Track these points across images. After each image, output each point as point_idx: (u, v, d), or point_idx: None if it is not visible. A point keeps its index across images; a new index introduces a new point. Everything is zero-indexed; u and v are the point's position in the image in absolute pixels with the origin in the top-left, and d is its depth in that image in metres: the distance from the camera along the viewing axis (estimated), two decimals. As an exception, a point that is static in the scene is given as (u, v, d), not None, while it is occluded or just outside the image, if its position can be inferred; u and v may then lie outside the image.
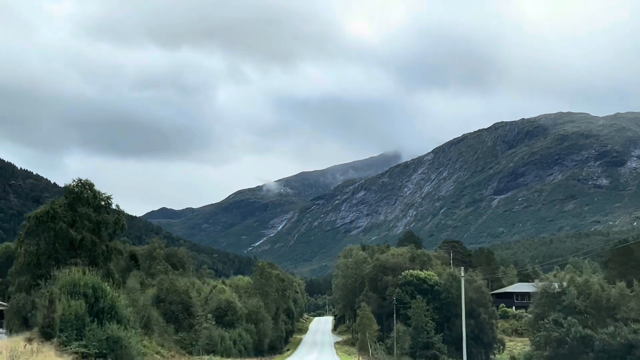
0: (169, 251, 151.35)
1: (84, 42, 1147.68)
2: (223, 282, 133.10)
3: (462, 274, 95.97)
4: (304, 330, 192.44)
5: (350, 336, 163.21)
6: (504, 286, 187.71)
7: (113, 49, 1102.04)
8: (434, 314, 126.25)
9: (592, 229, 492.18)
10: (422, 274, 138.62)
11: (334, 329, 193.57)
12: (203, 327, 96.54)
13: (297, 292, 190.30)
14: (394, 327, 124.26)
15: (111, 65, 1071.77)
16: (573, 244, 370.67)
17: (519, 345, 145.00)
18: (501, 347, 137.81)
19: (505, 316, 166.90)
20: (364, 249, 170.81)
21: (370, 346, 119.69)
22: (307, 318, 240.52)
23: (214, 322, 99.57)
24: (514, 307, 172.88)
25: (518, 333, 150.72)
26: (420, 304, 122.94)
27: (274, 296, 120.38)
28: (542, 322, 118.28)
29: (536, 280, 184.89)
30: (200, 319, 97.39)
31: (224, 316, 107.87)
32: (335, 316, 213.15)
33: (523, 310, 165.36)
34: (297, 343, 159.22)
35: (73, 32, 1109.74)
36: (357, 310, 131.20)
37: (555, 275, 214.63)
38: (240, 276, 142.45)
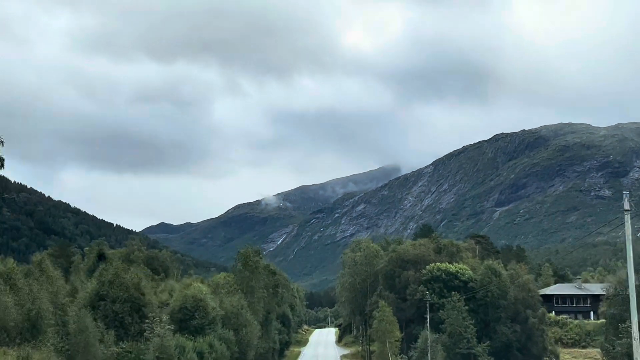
0: (150, 254, 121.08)
1: (80, 56, 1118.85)
2: (201, 281, 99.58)
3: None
4: (303, 343, 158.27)
5: (360, 348, 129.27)
6: (538, 288, 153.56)
7: (109, 64, 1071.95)
8: (469, 318, 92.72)
9: (596, 239, 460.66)
10: (453, 267, 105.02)
11: (339, 340, 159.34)
12: (155, 333, 62.76)
13: (296, 297, 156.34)
14: (423, 334, 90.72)
15: (107, 80, 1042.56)
16: (580, 254, 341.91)
17: (578, 358, 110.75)
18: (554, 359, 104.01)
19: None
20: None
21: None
22: (307, 329, 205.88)
23: (171, 327, 66.03)
24: (553, 312, 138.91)
25: (563, 343, 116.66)
26: (457, 304, 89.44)
27: (261, 294, 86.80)
28: (623, 325, 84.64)
29: (577, 281, 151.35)
30: (153, 323, 63.62)
31: (189, 319, 74.60)
32: (339, 326, 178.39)
33: (566, 316, 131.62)
34: (295, 357, 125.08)
35: (69, 46, 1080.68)
36: (373, 313, 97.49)
37: (592, 277, 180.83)
38: (223, 273, 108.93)
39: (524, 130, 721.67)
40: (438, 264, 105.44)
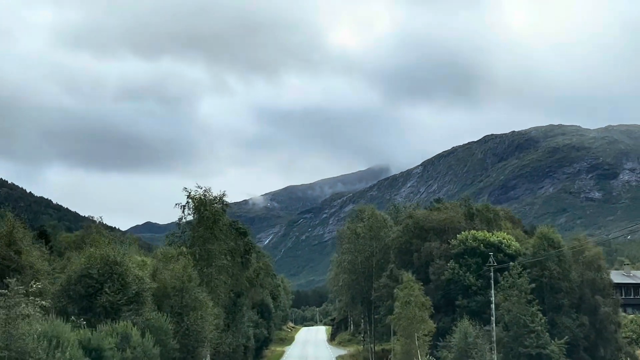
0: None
1: (63, 52, 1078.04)
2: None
3: None
4: (288, 341, 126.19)
5: (361, 347, 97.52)
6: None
7: (93, 60, 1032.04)
8: (536, 303, 60.97)
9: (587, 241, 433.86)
10: (494, 236, 73.68)
11: (331, 338, 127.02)
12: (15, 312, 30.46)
13: (279, 286, 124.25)
14: (461, 325, 58.95)
15: (91, 76, 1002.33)
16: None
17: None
18: (632, 364, 72.67)
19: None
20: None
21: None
22: (292, 327, 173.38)
23: (47, 303, 34.12)
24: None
25: (636, 343, 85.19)
26: (517, 280, 57.96)
27: (224, 263, 55.04)
28: None
29: (625, 267, 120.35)
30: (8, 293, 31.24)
31: (94, 294, 43.37)
32: (332, 320, 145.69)
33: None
34: (277, 358, 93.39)
35: (52, 41, 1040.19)
36: (395, 292, 64.74)
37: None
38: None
39: (513, 131, 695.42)
40: (473, 232, 74.10)
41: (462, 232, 74.01)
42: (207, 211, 54.15)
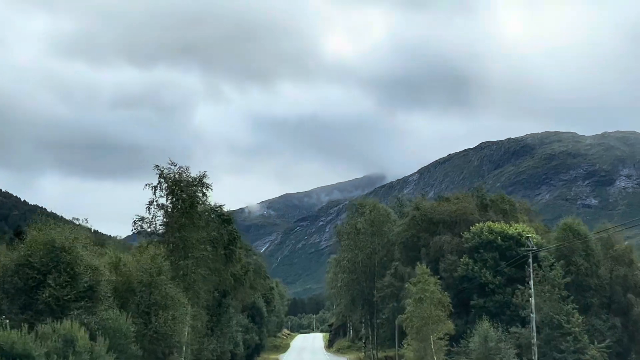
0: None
1: (58, 60, 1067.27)
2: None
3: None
4: (283, 348, 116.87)
5: (362, 354, 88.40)
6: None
7: (87, 68, 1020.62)
8: (570, 301, 52.03)
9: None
10: (512, 229, 64.90)
11: (329, 345, 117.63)
12: None
13: (273, 290, 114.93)
14: (481, 328, 49.99)
15: (86, 85, 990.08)
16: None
17: None
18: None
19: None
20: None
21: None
22: (288, 334, 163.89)
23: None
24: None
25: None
26: (548, 274, 49.03)
27: (203, 254, 45.97)
28: None
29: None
30: None
31: (35, 287, 34.39)
32: (330, 327, 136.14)
33: None
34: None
35: (46, 50, 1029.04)
36: (407, 287, 55.54)
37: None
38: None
39: (509, 138, 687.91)
40: (489, 223, 65.26)
41: (476, 224, 65.21)
42: (182, 193, 45.07)
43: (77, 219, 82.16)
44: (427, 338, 45.52)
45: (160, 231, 45.38)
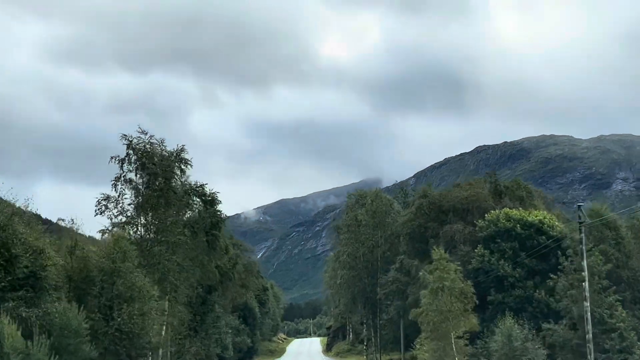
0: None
1: (53, 67, 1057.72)
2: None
3: None
4: (278, 353, 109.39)
5: (364, 358, 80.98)
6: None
7: (82, 74, 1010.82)
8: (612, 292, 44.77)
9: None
10: (532, 216, 57.80)
11: (327, 349, 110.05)
12: None
13: (267, 290, 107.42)
14: (504, 326, 42.74)
15: (81, 91, 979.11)
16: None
17: None
18: None
19: None
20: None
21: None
22: (284, 338, 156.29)
23: None
24: None
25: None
26: (590, 258, 41.80)
27: (179, 239, 38.76)
28: None
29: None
30: None
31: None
32: (328, 330, 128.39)
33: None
34: (263, 373, 76.75)
35: (40, 56, 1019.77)
36: (420, 276, 47.88)
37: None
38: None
39: (505, 142, 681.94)
40: (507, 210, 58.15)
41: (491, 212, 58.06)
42: (155, 167, 37.78)
43: (62, 220, 74.58)
44: (446, 336, 38.34)
45: (129, 213, 38.01)
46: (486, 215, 57.99)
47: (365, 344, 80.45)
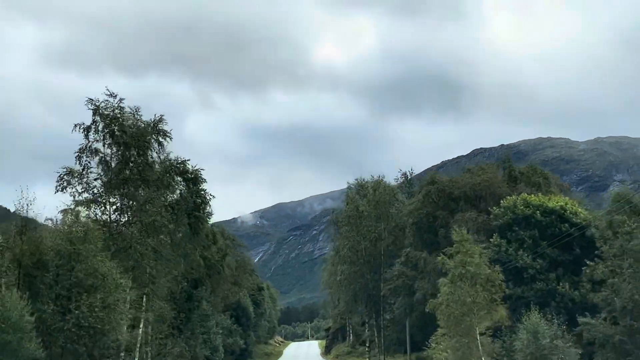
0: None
1: (48, 71, 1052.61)
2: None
3: None
4: (274, 356, 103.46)
5: (367, 360, 75.08)
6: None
7: (78, 78, 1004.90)
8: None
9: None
10: (552, 202, 52.25)
11: (326, 352, 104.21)
12: None
13: (263, 290, 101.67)
14: (530, 320, 37.19)
15: (76, 95, 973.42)
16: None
17: None
18: None
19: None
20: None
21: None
22: (281, 342, 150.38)
23: None
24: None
25: None
26: (631, 243, 36.34)
27: (155, 220, 33.24)
28: None
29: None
30: None
31: None
32: (327, 331, 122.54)
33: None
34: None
35: (35, 61, 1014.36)
36: (439, 260, 41.80)
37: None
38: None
39: (502, 144, 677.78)
40: (525, 195, 52.61)
41: (509, 197, 52.50)
42: (126, 135, 32.04)
43: (50, 219, 68.69)
44: (470, 332, 32.72)
45: (95, 190, 32.26)
46: (502, 201, 52.46)
47: (367, 345, 74.62)
